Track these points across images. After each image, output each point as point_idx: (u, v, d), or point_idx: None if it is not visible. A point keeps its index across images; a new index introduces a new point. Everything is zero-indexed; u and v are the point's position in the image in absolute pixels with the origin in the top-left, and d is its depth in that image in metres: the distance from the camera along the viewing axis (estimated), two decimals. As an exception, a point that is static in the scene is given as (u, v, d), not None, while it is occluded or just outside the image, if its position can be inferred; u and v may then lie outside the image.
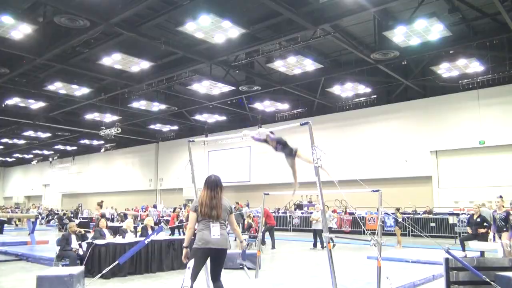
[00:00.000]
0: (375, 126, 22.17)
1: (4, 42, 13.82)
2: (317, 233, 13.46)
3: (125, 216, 19.35)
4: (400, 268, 8.81)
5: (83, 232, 9.40)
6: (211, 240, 4.20)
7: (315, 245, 13.65)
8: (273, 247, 13.45)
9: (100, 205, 10.77)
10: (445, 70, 16.82)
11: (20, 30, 12.67)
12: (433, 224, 17.47)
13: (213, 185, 4.40)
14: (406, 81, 19.00)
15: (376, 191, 6.15)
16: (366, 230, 10.98)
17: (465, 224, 13.26)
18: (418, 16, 12.74)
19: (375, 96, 20.44)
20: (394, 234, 14.74)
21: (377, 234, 5.87)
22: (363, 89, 19.70)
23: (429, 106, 20.43)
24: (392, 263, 9.23)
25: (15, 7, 12.35)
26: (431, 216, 18.02)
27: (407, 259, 9.90)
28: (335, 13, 12.92)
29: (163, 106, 23.06)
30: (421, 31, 13.03)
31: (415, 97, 21.05)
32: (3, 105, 22.10)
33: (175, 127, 28.89)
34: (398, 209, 15.59)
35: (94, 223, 13.05)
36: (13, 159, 45.78)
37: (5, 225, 20.06)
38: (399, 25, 13.01)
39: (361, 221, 17.97)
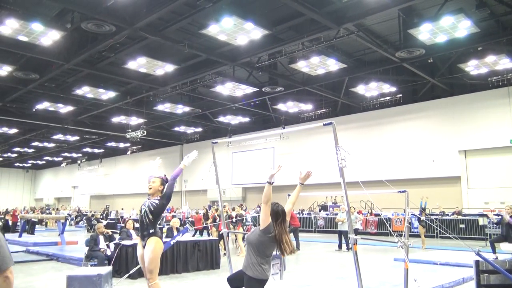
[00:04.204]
0: (401, 126, 21.78)
1: (34, 48, 14.26)
2: (342, 235, 13.34)
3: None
4: (428, 270, 8.62)
5: (110, 233, 9.59)
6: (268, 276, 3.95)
7: (340, 246, 13.52)
8: (297, 248, 13.38)
9: None
10: (473, 67, 16.36)
11: (49, 37, 13.00)
12: (462, 226, 17.03)
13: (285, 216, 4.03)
14: (433, 79, 18.60)
15: (403, 191, 6.04)
16: (393, 231, 10.79)
17: (496, 225, 12.86)
18: (444, 12, 12.45)
19: (400, 95, 20.08)
20: (422, 236, 14.42)
21: (404, 236, 5.76)
22: (388, 88, 19.38)
23: (457, 105, 19.93)
24: (419, 265, 9.04)
25: (44, 15, 12.74)
26: (460, 217, 17.56)
27: (435, 262, 9.66)
28: (358, 12, 12.76)
29: (187, 109, 23.31)
30: (447, 28, 12.74)
31: (442, 96, 20.60)
32: (34, 110, 22.77)
33: (199, 129, 29.15)
34: (424, 209, 15.23)
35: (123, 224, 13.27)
36: (44, 162, 47.18)
37: (36, 226, 20.71)
38: (425, 23, 12.75)
39: (387, 222, 17.71)
